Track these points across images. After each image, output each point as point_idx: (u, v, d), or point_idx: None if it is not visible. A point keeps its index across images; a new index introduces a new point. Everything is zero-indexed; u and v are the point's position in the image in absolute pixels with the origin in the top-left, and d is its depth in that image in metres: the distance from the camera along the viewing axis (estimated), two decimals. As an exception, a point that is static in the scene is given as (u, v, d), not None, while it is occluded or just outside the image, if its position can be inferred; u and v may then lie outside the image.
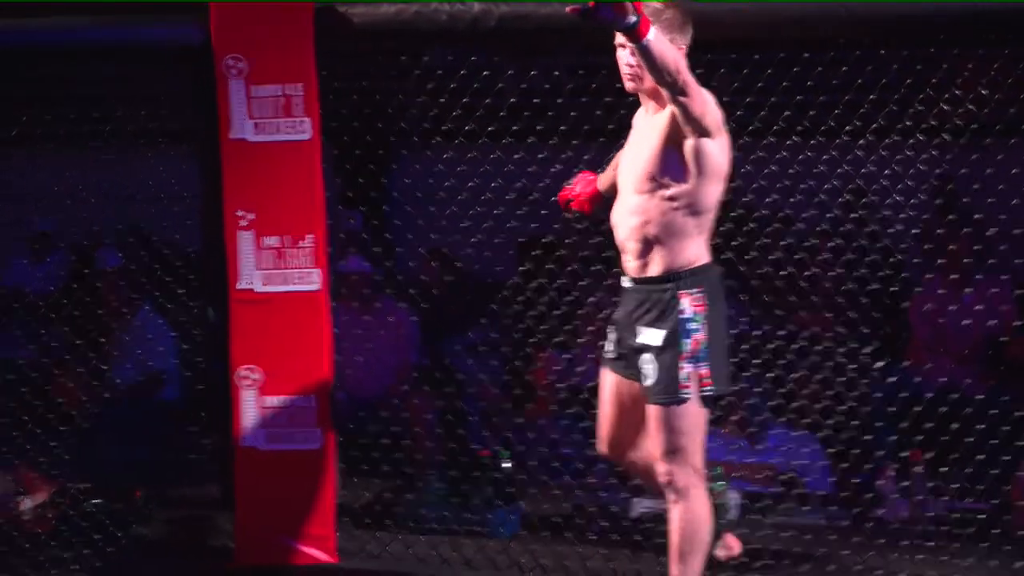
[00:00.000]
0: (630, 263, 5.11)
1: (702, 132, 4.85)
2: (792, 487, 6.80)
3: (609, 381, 5.31)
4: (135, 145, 8.39)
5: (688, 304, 4.96)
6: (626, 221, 5.08)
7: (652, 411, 5.03)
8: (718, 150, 4.94)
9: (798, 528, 6.54)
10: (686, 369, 4.95)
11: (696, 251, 5.01)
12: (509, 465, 6.98)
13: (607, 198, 5.35)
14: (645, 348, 5.03)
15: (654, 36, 4.55)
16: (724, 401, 6.78)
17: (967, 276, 7.50)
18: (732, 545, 5.49)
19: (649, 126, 5.03)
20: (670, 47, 4.68)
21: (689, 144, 4.89)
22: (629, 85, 5.03)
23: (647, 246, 5.02)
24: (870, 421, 6.59)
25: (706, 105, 4.84)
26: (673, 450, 5.00)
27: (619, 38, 4.93)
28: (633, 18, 4.48)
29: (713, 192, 4.97)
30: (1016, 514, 6.50)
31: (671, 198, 4.94)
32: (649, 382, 5.03)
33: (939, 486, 6.71)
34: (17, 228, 10.41)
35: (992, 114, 6.29)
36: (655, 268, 5.02)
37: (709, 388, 4.99)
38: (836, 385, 6.49)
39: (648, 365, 5.02)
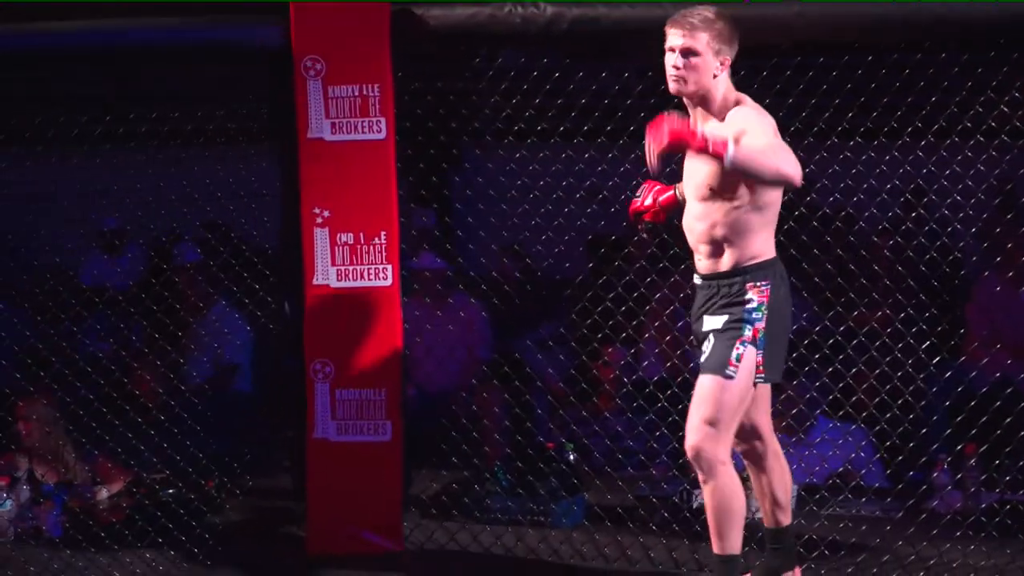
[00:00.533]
0: (701, 262, 5.24)
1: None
2: (847, 480, 6.86)
3: None
4: (214, 144, 8.47)
5: (754, 295, 5.09)
6: (695, 227, 5.22)
7: (701, 381, 5.14)
8: (776, 151, 5.07)
9: (853, 519, 6.58)
10: (739, 350, 5.07)
11: (762, 245, 5.13)
12: (574, 457, 7.07)
13: (682, 204, 5.44)
14: (708, 334, 5.16)
15: (733, 151, 4.70)
16: (783, 395, 6.87)
17: (1024, 274, 7.58)
18: None
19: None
20: (754, 153, 4.79)
21: None
22: (673, 87, 5.12)
23: (717, 247, 5.15)
24: (925, 415, 6.65)
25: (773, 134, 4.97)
26: (710, 422, 5.07)
27: (669, 42, 5.06)
28: (703, 144, 4.67)
29: (774, 187, 5.08)
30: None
31: (733, 199, 5.06)
32: (703, 357, 5.17)
33: (992, 478, 6.77)
34: (97, 225, 10.48)
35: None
36: (725, 264, 5.15)
37: (760, 376, 5.12)
38: (893, 380, 6.52)
39: (707, 344, 5.16)
